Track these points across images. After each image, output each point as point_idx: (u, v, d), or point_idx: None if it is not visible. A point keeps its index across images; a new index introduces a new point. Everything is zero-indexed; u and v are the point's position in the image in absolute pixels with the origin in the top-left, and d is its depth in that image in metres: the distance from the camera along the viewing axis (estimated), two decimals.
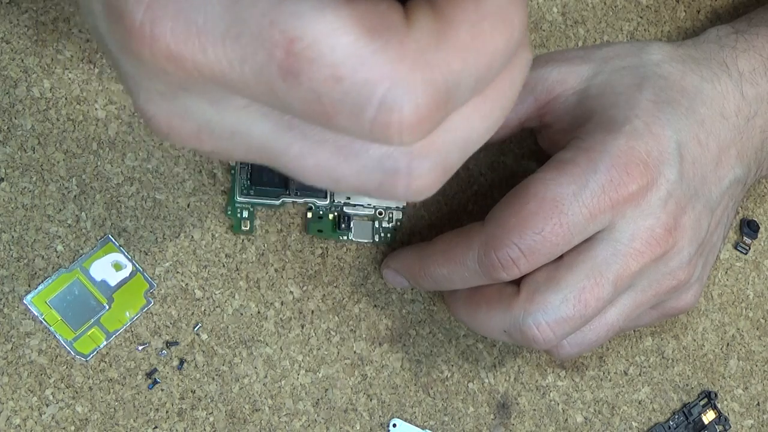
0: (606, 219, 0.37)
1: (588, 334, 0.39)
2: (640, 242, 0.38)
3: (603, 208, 0.37)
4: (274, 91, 0.22)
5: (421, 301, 0.46)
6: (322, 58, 0.21)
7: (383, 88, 0.21)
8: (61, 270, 0.41)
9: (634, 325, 0.43)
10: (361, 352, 0.44)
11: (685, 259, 0.39)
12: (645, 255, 0.38)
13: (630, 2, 0.52)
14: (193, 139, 0.25)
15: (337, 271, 0.45)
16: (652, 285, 0.39)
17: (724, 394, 0.49)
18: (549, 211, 0.37)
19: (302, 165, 0.24)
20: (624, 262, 0.38)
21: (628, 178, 0.37)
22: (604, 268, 0.37)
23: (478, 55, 0.22)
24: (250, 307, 0.43)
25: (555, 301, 0.37)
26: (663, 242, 0.38)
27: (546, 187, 0.37)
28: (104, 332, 0.41)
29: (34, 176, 0.41)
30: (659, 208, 0.38)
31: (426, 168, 0.24)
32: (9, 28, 0.42)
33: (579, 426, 0.47)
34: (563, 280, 0.37)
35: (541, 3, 0.50)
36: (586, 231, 0.37)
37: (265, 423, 0.43)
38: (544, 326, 0.38)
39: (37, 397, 0.40)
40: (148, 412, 0.41)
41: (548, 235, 0.37)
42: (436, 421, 0.45)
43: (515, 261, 0.37)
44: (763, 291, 0.51)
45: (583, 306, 0.37)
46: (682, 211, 0.39)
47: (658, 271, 0.39)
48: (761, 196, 0.52)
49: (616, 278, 0.38)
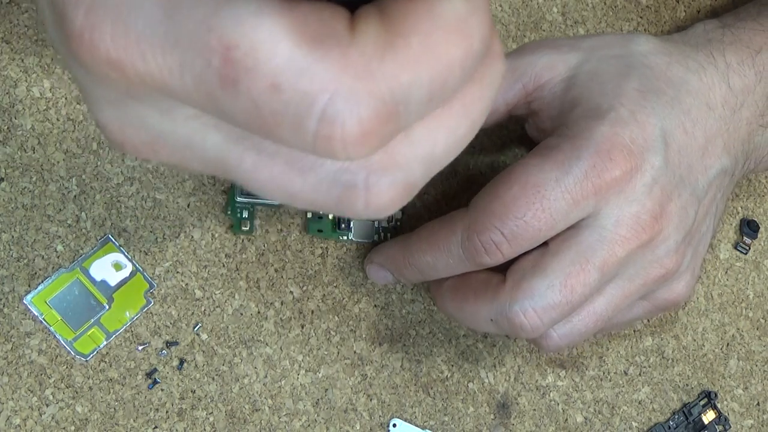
0: (590, 205, 0.37)
1: (577, 324, 0.39)
2: (626, 228, 0.38)
3: (586, 194, 0.37)
4: (214, 100, 0.21)
5: (421, 301, 0.46)
6: (260, 66, 0.20)
7: (323, 99, 0.20)
8: (61, 270, 0.41)
9: (628, 318, 0.42)
10: (361, 352, 0.44)
11: (672, 246, 0.39)
12: (631, 241, 0.38)
13: (630, 2, 0.52)
14: (148, 150, 0.24)
15: (337, 271, 0.45)
16: (640, 273, 0.39)
17: (724, 394, 0.49)
18: (531, 196, 0.37)
19: (256, 178, 0.23)
20: (610, 248, 0.38)
21: (611, 163, 0.37)
22: (589, 254, 0.38)
23: (430, 68, 0.21)
24: (250, 307, 0.43)
25: (541, 287, 0.37)
26: (649, 229, 0.38)
27: (529, 173, 0.37)
28: (104, 332, 0.41)
29: (34, 176, 0.41)
30: (644, 195, 0.38)
31: (386, 184, 0.23)
32: (9, 28, 0.42)
33: (579, 426, 0.47)
34: (549, 267, 0.38)
35: (541, 3, 0.50)
36: (570, 217, 0.37)
37: (265, 423, 0.43)
38: (531, 313, 0.38)
39: (37, 397, 0.40)
40: (148, 412, 0.41)
41: (530, 220, 0.37)
42: (436, 421, 0.45)
43: (498, 245, 0.37)
44: (763, 291, 0.51)
45: (570, 292, 0.37)
46: (668, 198, 0.39)
47: (645, 258, 0.39)
48: (761, 196, 0.52)
49: (602, 264, 0.38)
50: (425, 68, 0.21)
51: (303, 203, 0.24)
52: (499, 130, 0.48)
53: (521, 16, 0.49)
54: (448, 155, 0.24)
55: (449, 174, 0.47)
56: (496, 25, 0.49)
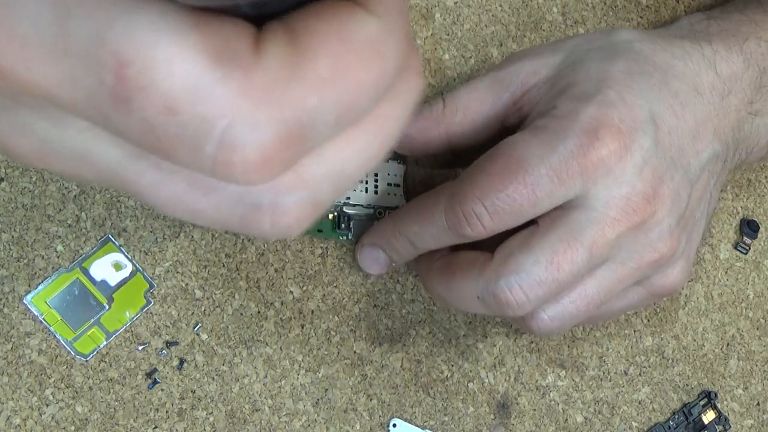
0: (576, 185, 0.37)
1: (567, 306, 0.39)
2: (616, 210, 0.37)
3: (572, 173, 0.37)
4: (106, 117, 0.19)
5: (421, 301, 0.46)
6: (155, 86, 0.19)
7: (223, 124, 0.19)
8: (61, 270, 0.41)
9: (622, 305, 0.42)
10: (361, 352, 0.44)
11: (666, 230, 0.39)
12: (621, 223, 0.37)
13: (630, 2, 0.52)
14: (37, 159, 0.23)
15: (337, 271, 0.45)
16: (633, 257, 0.39)
17: (724, 394, 0.49)
18: (514, 170, 0.37)
19: (156, 196, 0.22)
20: (599, 228, 0.37)
21: (598, 142, 0.37)
22: (577, 232, 0.37)
23: (338, 91, 0.20)
24: (250, 307, 0.43)
25: (527, 263, 0.37)
26: (641, 211, 0.38)
27: (514, 148, 0.37)
28: (104, 332, 0.41)
29: (34, 176, 0.41)
30: (635, 176, 0.38)
31: (292, 203, 0.22)
32: None
33: (579, 426, 0.47)
34: (536, 244, 0.37)
35: (541, 3, 0.50)
36: (555, 196, 0.37)
37: (265, 423, 0.43)
38: (517, 289, 0.37)
39: (37, 397, 0.40)
40: (148, 412, 0.41)
41: (512, 194, 0.36)
42: (436, 421, 0.45)
43: (479, 217, 0.37)
44: (763, 291, 0.51)
45: (556, 269, 0.37)
46: (660, 181, 0.38)
47: (638, 242, 0.39)
48: (761, 196, 0.52)
49: (591, 244, 0.37)
50: (333, 92, 0.20)
51: (206, 222, 0.23)
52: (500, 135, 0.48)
53: (521, 16, 0.49)
54: (358, 173, 0.23)
55: (449, 175, 0.47)
56: (496, 25, 0.49)
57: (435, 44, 0.48)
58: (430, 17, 0.48)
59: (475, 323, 0.46)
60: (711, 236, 0.50)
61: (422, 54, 0.48)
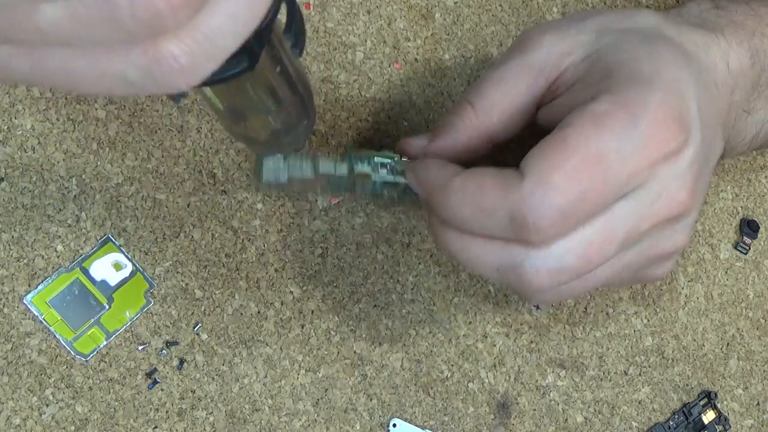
0: (643, 178, 0.35)
1: (578, 287, 0.37)
2: (662, 203, 0.35)
3: (644, 167, 0.34)
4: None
5: (421, 301, 0.46)
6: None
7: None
8: (61, 270, 0.41)
9: (616, 284, 0.40)
10: (361, 352, 0.44)
11: (690, 224, 0.37)
12: (660, 216, 0.36)
13: (630, 2, 0.52)
14: None
15: (337, 271, 0.45)
16: (653, 247, 0.37)
17: (724, 394, 0.49)
18: (595, 168, 0.33)
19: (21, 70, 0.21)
20: (639, 220, 0.35)
21: (669, 134, 0.35)
22: (618, 225, 0.35)
23: None
24: (250, 307, 0.43)
25: (560, 248, 0.35)
26: (683, 205, 0.36)
27: (588, 141, 0.34)
28: (104, 332, 0.41)
29: (34, 176, 0.41)
30: (686, 170, 0.36)
31: None
32: None
33: (579, 426, 0.47)
34: (573, 231, 0.35)
35: (541, 3, 0.50)
36: (622, 191, 0.35)
37: (265, 423, 0.43)
38: (543, 272, 0.35)
39: (37, 397, 0.40)
40: (148, 412, 0.41)
41: (590, 195, 0.33)
42: (436, 421, 0.45)
43: (552, 221, 0.34)
44: (763, 291, 0.51)
45: (587, 261, 0.35)
46: (700, 176, 0.37)
47: (664, 233, 0.37)
48: (761, 196, 0.52)
49: (625, 237, 0.35)
50: None
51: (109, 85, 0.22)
52: None
53: (521, 16, 0.49)
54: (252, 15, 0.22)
55: None
56: (496, 25, 0.49)
57: (435, 44, 0.48)
58: (430, 17, 0.48)
59: (475, 323, 0.46)
60: (711, 236, 0.51)
61: (422, 54, 0.48)
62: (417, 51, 0.48)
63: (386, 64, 0.47)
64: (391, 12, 0.47)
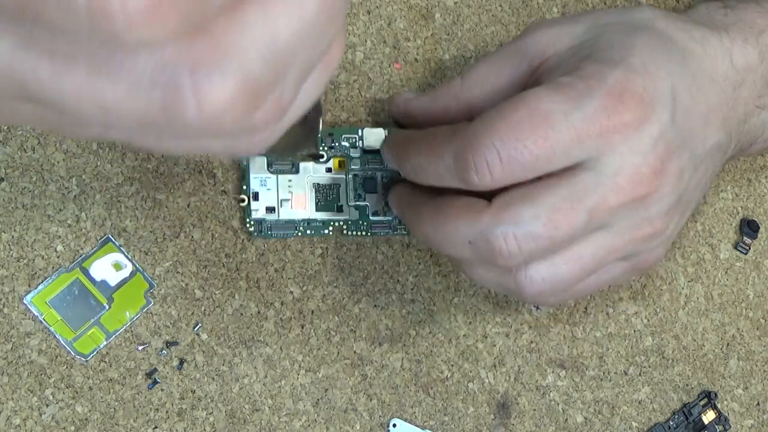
0: (592, 147, 0.36)
1: (560, 267, 0.38)
2: (624, 178, 0.37)
3: (591, 134, 0.36)
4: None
5: (421, 301, 0.46)
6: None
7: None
8: (61, 270, 0.41)
9: (606, 278, 0.41)
10: (361, 352, 0.44)
11: (665, 208, 0.39)
12: (626, 192, 0.37)
13: (630, 2, 0.52)
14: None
15: (337, 271, 0.45)
16: (630, 229, 0.38)
17: (724, 394, 0.49)
18: (537, 121, 0.36)
19: (61, 90, 0.19)
20: (603, 193, 0.37)
21: (622, 106, 0.36)
22: (582, 194, 0.37)
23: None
24: (250, 307, 0.43)
25: (526, 215, 0.36)
26: (647, 183, 0.37)
27: (539, 101, 0.36)
28: (104, 332, 0.41)
29: (34, 176, 0.41)
30: (649, 148, 0.37)
31: (217, 79, 0.19)
32: None
33: (579, 426, 0.47)
34: (539, 197, 0.36)
35: (541, 3, 0.50)
36: (570, 155, 0.36)
37: (265, 423, 0.43)
38: (512, 238, 0.36)
39: (37, 397, 0.40)
40: (148, 412, 0.41)
41: (530, 146, 0.35)
42: (436, 421, 0.45)
43: (490, 165, 0.36)
44: (763, 291, 0.51)
45: (554, 227, 0.36)
46: (670, 157, 0.38)
47: (638, 215, 0.38)
48: (761, 196, 0.52)
49: (592, 208, 0.37)
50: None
51: (125, 119, 0.20)
52: None
53: (521, 16, 0.49)
54: (296, 42, 0.20)
55: None
56: (496, 25, 0.49)
57: (435, 44, 0.48)
58: (430, 17, 0.48)
59: (475, 323, 0.46)
60: (711, 236, 0.51)
61: (422, 54, 0.48)
62: (417, 51, 0.48)
63: (386, 64, 0.47)
64: (391, 12, 0.47)
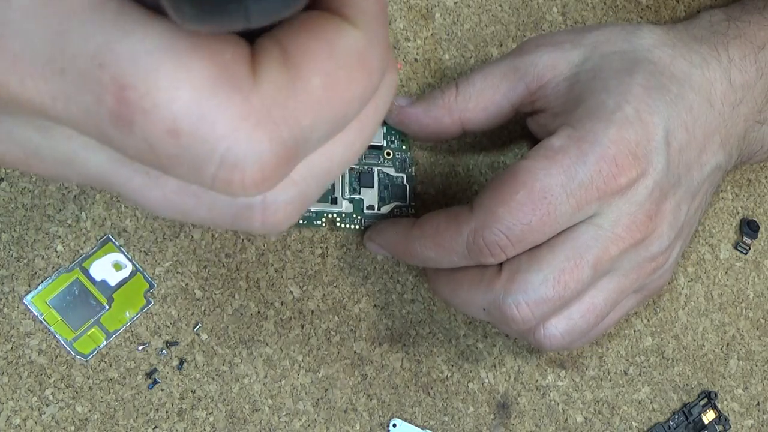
0: (592, 209, 0.38)
1: (578, 321, 0.40)
2: (622, 228, 0.38)
3: (590, 199, 0.37)
4: (104, 134, 0.20)
5: (421, 301, 0.46)
6: (158, 110, 0.19)
7: (224, 146, 0.20)
8: (61, 270, 0.41)
9: (622, 313, 0.43)
10: (361, 352, 0.44)
11: (665, 244, 0.40)
12: (625, 240, 0.38)
13: (630, 2, 0.52)
14: (21, 164, 0.23)
15: (337, 271, 0.45)
16: (634, 269, 0.40)
17: (724, 394, 0.49)
18: (538, 202, 0.37)
19: (147, 198, 0.23)
20: (604, 246, 0.38)
21: (616, 169, 0.37)
22: (584, 250, 0.38)
23: (331, 107, 0.21)
24: (250, 307, 0.43)
25: (535, 281, 0.38)
26: (643, 228, 0.39)
27: (535, 178, 0.37)
28: (104, 332, 0.41)
29: (34, 176, 0.41)
30: (645, 197, 0.38)
31: (282, 202, 0.23)
32: None
33: (579, 426, 0.47)
34: (544, 261, 0.38)
35: (541, 3, 0.50)
36: (573, 220, 0.38)
37: (265, 423, 0.43)
38: (524, 306, 0.38)
39: (37, 397, 0.40)
40: (148, 412, 0.41)
41: (536, 225, 0.37)
42: (436, 421, 0.45)
43: (503, 248, 0.38)
44: (763, 291, 0.51)
45: (563, 287, 0.38)
46: (664, 198, 0.39)
47: (639, 255, 0.39)
48: (761, 196, 0.52)
49: (595, 262, 0.38)
50: (326, 109, 0.21)
51: (198, 221, 0.24)
52: (500, 130, 0.48)
53: (521, 16, 0.49)
54: (343, 167, 0.24)
55: (449, 174, 0.47)
56: (496, 25, 0.49)
57: (435, 44, 0.48)
58: (430, 17, 0.48)
59: (475, 323, 0.46)
60: (711, 236, 0.51)
61: (422, 54, 0.48)
62: (417, 51, 0.48)
63: None
64: (391, 12, 0.47)
